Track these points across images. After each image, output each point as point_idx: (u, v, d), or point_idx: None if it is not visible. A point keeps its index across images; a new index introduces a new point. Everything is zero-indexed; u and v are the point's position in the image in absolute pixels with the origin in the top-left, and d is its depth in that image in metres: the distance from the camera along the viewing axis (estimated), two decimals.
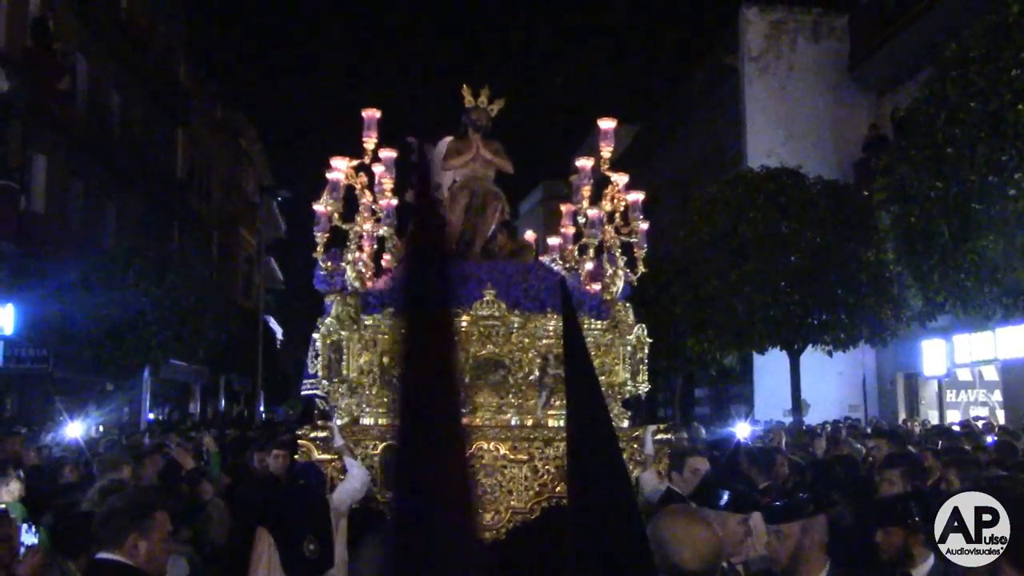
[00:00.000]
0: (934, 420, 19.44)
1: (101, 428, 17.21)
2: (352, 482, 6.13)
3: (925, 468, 7.11)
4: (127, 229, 25.82)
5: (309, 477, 6.21)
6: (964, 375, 20.70)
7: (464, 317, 6.77)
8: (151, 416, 25.67)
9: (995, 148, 9.27)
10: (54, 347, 18.97)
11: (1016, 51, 9.32)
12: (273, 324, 42.24)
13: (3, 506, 6.04)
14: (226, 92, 39.90)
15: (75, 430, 13.45)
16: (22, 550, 4.98)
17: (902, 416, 21.10)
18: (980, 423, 15.24)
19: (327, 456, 6.51)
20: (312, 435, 6.69)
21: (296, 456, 6.87)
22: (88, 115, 24.06)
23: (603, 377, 6.82)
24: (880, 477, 5.91)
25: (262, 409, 33.94)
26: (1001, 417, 18.10)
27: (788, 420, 17.36)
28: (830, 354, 17.20)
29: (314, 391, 7.80)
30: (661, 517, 3.05)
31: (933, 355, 20.29)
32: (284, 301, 48.06)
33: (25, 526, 5.66)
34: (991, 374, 19.60)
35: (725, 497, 5.77)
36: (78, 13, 23.10)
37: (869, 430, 13.83)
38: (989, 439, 10.81)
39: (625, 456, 6.53)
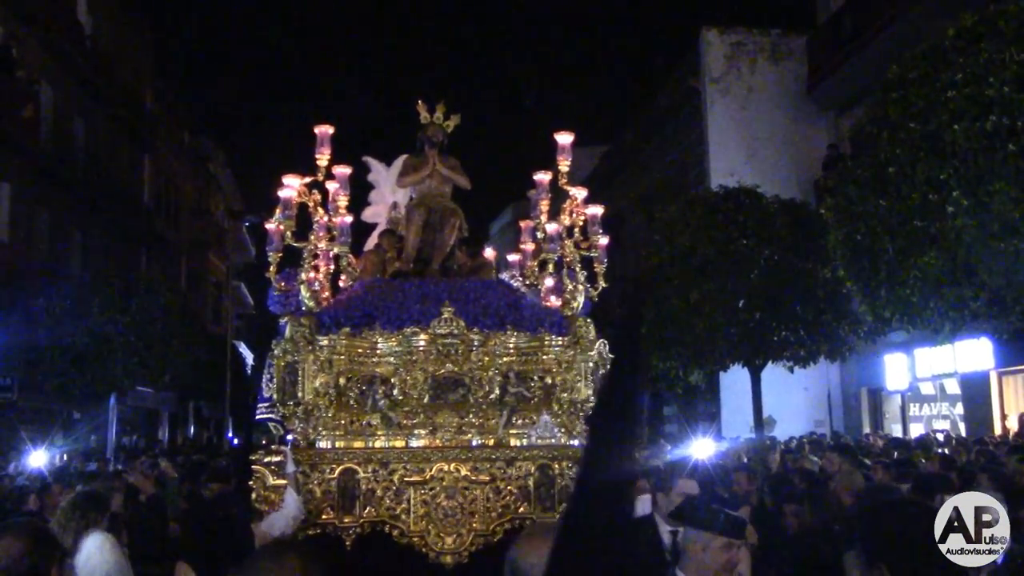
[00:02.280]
0: (898, 434, 19.67)
1: (66, 456, 17.08)
2: (280, 516, 6.03)
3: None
4: (93, 256, 25.72)
5: (233, 506, 6.09)
6: (927, 389, 20.99)
7: (422, 336, 6.70)
8: (114, 442, 25.46)
9: (934, 167, 9.50)
10: (20, 375, 18.85)
11: (953, 73, 9.59)
12: (243, 349, 42.05)
13: None
14: (194, 118, 39.84)
15: (38, 459, 13.36)
16: None
17: (866, 430, 21.32)
18: (940, 436, 15.52)
19: (280, 482, 6.30)
20: (266, 460, 6.46)
21: (251, 483, 6.54)
22: (53, 142, 23.98)
23: (565, 394, 6.81)
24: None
25: (231, 435, 33.73)
26: (962, 430, 18.38)
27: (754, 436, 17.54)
28: (791, 370, 17.40)
29: (269, 415, 7.71)
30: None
31: (895, 369, 20.59)
32: (254, 326, 47.80)
33: None
34: (953, 387, 19.87)
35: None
36: (42, 41, 23.06)
37: (832, 444, 14.02)
38: (944, 451, 11.07)
39: None
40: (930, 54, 10.16)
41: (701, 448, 12.91)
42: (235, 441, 32.41)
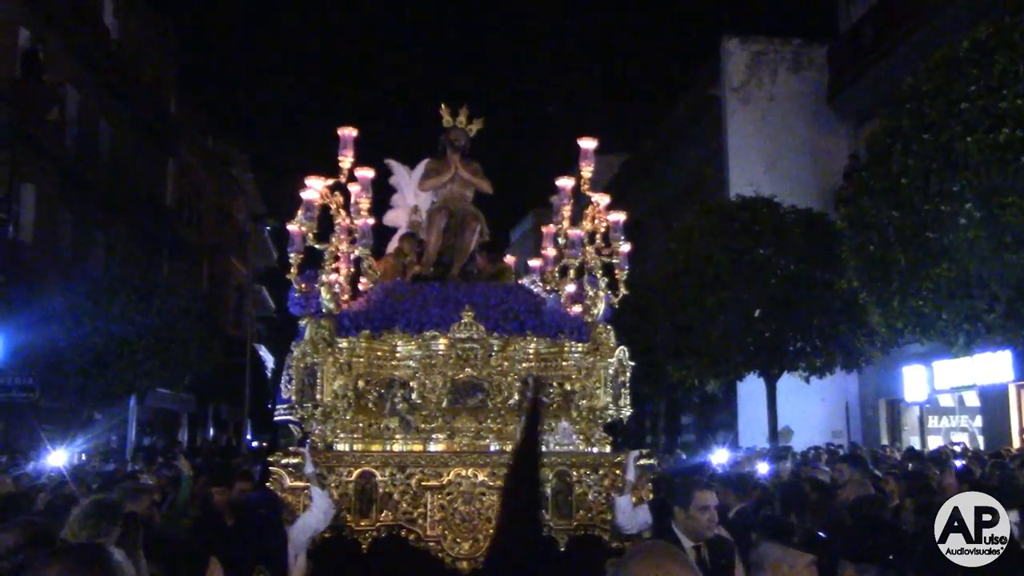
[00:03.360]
0: (916, 446, 19.55)
1: (84, 456, 17.21)
2: (312, 515, 6.01)
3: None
4: (115, 258, 25.93)
5: (265, 508, 6.03)
6: (946, 401, 20.83)
7: (442, 340, 6.69)
8: (133, 443, 25.63)
9: (947, 178, 9.52)
10: (41, 376, 19.01)
11: (966, 85, 9.60)
12: (264, 352, 42.23)
13: None
14: (217, 122, 40.19)
15: (58, 458, 13.46)
16: None
17: (884, 442, 21.21)
18: (957, 448, 15.41)
19: (299, 484, 6.32)
20: (284, 461, 6.50)
21: (267, 484, 6.64)
22: (77, 145, 24.24)
23: (584, 401, 6.80)
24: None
25: (249, 437, 33.90)
26: (980, 442, 18.25)
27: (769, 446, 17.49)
28: (807, 380, 17.35)
29: (288, 417, 7.71)
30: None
31: (914, 381, 20.45)
32: (275, 329, 47.98)
33: None
34: (973, 400, 19.73)
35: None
36: (68, 44, 23.32)
37: (843, 455, 13.97)
38: (959, 463, 11.00)
39: (606, 483, 6.54)
40: (944, 66, 10.17)
41: (717, 456, 12.95)
42: (253, 443, 32.61)
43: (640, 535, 6.21)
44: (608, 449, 6.97)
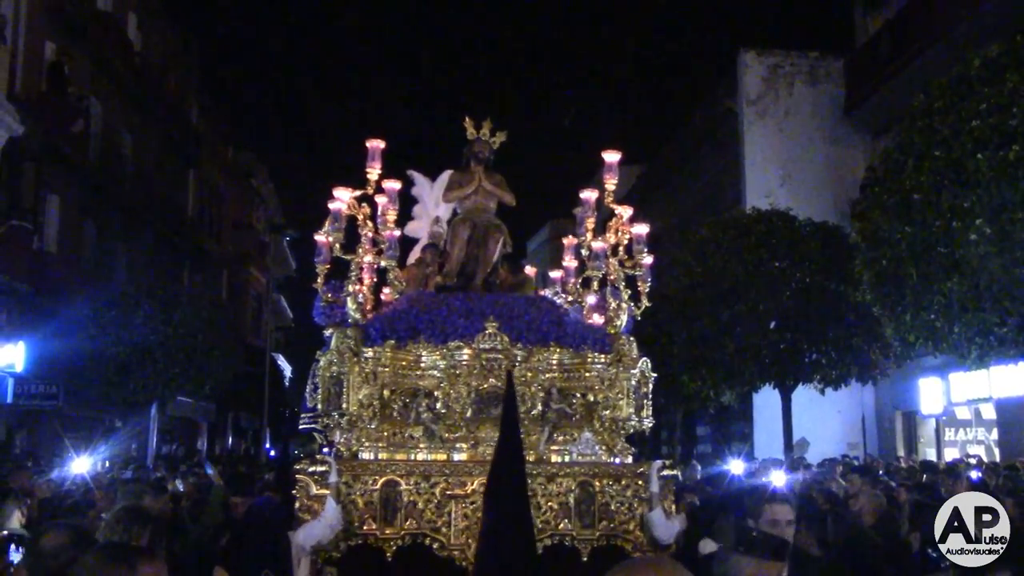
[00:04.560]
0: (932, 458, 19.57)
1: (107, 463, 17.45)
2: (319, 524, 6.04)
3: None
4: (138, 268, 26.25)
5: (271, 513, 6.16)
6: (963, 413, 20.82)
7: (466, 350, 6.70)
8: (154, 451, 25.88)
9: (958, 195, 9.65)
10: (64, 384, 19.27)
11: (977, 103, 9.73)
12: (282, 362, 42.48)
13: (5, 532, 6.38)
14: (237, 133, 40.50)
15: (82, 465, 13.69)
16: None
17: (900, 454, 21.23)
18: (972, 460, 15.46)
19: (324, 492, 6.29)
20: (311, 469, 6.50)
21: (294, 492, 6.67)
22: (101, 156, 24.59)
23: (607, 412, 6.79)
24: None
25: (268, 446, 34.11)
26: (996, 455, 18.26)
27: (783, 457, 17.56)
28: (822, 392, 17.44)
29: (313, 425, 7.81)
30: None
31: (930, 393, 20.47)
32: (293, 339, 48.23)
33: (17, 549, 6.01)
34: (990, 412, 19.73)
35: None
36: (93, 58, 23.68)
37: (855, 466, 14.07)
38: (975, 475, 11.09)
39: (629, 493, 6.49)
40: (955, 84, 10.31)
41: (733, 467, 13.04)
42: (272, 452, 32.82)
43: (671, 546, 6.31)
44: (630, 460, 6.95)
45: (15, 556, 5.86)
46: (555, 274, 9.27)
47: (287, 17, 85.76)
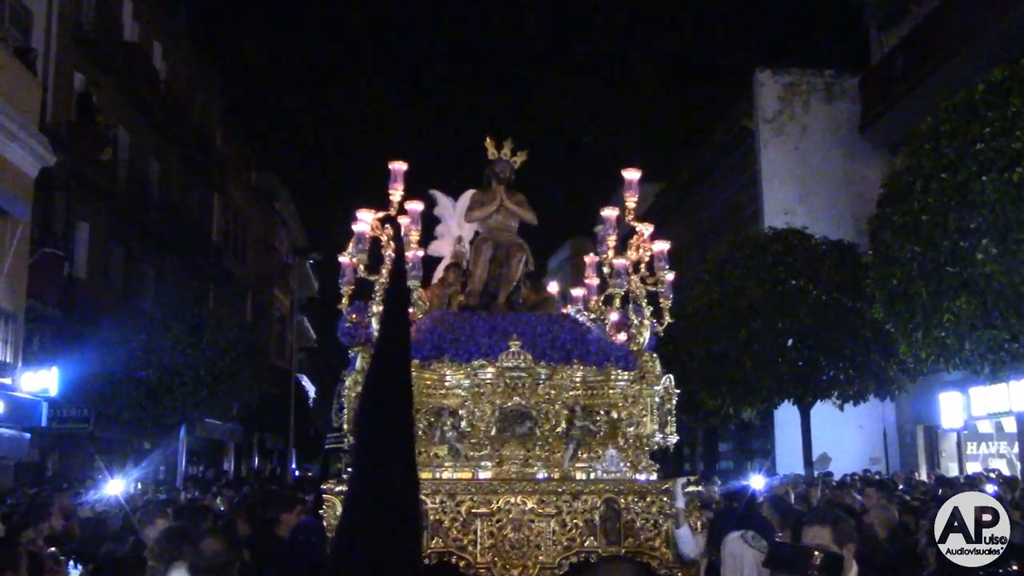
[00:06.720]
0: (955, 472, 19.57)
1: (140, 485, 17.76)
2: None
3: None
4: (165, 292, 26.66)
5: (311, 535, 6.25)
6: (985, 427, 20.80)
7: (490, 369, 6.75)
8: (183, 472, 26.22)
9: (964, 215, 9.89)
10: (95, 407, 19.58)
11: (981, 126, 9.97)
12: (306, 382, 42.79)
13: (53, 549, 6.69)
14: (260, 157, 41.02)
15: (115, 487, 13.98)
16: None
17: (922, 468, 21.24)
18: (992, 474, 15.51)
19: None
20: (338, 489, 6.60)
21: (320, 511, 6.81)
22: (129, 183, 25.04)
23: (630, 429, 6.83)
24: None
25: (294, 466, 34.36)
26: (1018, 469, 18.26)
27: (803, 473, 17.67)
28: (841, 408, 17.56)
29: (338, 445, 7.96)
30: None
31: (951, 407, 20.45)
32: (317, 359, 48.56)
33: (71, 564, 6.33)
34: (1011, 426, 19.72)
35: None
36: (120, 87, 24.17)
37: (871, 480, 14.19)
38: (991, 490, 11.20)
39: (654, 510, 6.54)
40: (961, 108, 10.56)
41: (754, 482, 13.17)
42: (296, 472, 33.06)
43: (698, 562, 6.42)
44: (655, 476, 6.97)
45: (73, 573, 6.16)
46: (577, 292, 9.29)
47: (308, 42, 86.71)
